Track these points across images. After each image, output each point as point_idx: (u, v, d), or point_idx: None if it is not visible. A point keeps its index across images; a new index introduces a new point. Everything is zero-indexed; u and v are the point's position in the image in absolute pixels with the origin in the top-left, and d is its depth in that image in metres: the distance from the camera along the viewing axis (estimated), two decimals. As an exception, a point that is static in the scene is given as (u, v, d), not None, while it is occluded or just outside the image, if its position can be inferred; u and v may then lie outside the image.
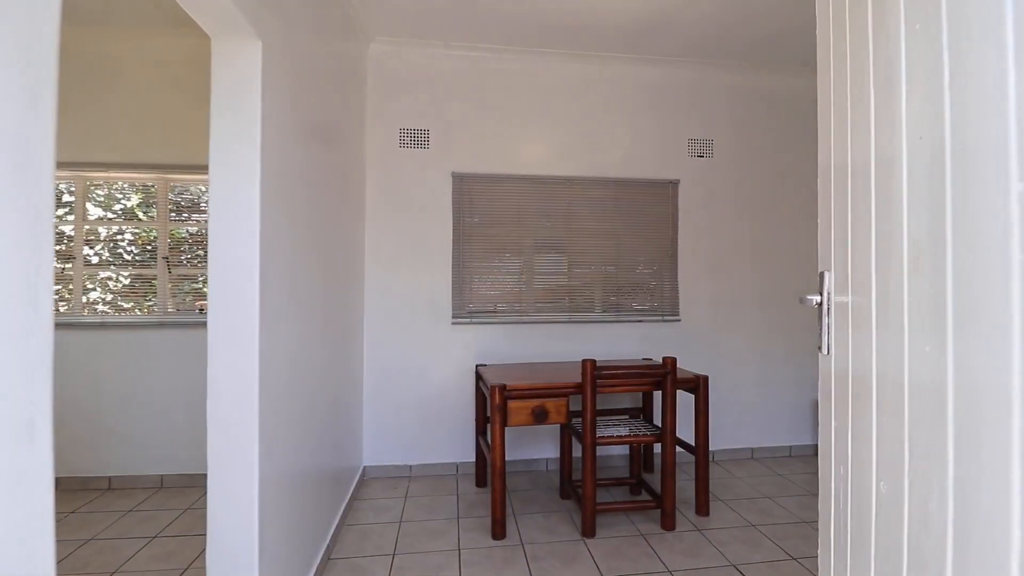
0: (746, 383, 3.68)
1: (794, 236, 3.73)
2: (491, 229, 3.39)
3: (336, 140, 2.53)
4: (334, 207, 2.47)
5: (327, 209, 2.34)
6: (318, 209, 2.18)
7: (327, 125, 2.35)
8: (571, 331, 3.47)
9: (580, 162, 3.47)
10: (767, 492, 3.08)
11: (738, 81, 3.65)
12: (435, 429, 3.33)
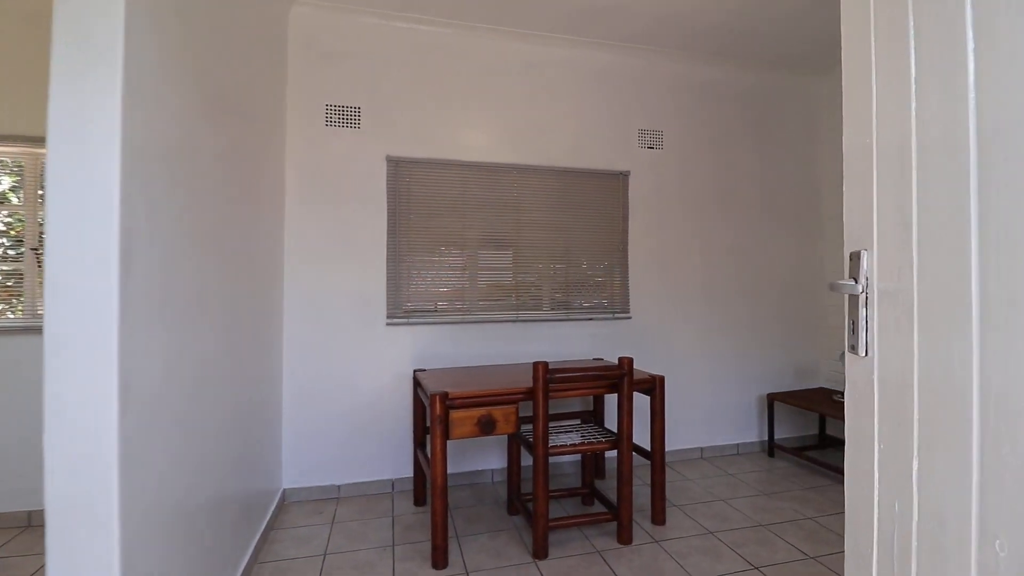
0: (696, 381, 3.59)
1: (742, 231, 3.69)
2: (431, 220, 3.08)
3: (246, 114, 2.13)
4: (242, 192, 2.08)
5: (232, 194, 1.95)
6: (218, 193, 1.79)
7: (233, 94, 1.96)
8: (518, 331, 3.22)
9: (527, 149, 3.24)
10: (720, 494, 2.98)
11: (688, 71, 3.56)
12: (367, 443, 2.97)
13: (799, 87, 3.84)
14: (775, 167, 3.78)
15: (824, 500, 2.90)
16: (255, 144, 2.27)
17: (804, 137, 3.86)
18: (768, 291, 3.76)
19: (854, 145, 0.78)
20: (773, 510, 2.77)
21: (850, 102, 0.79)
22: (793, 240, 3.82)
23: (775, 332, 3.78)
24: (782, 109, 3.80)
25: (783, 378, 3.80)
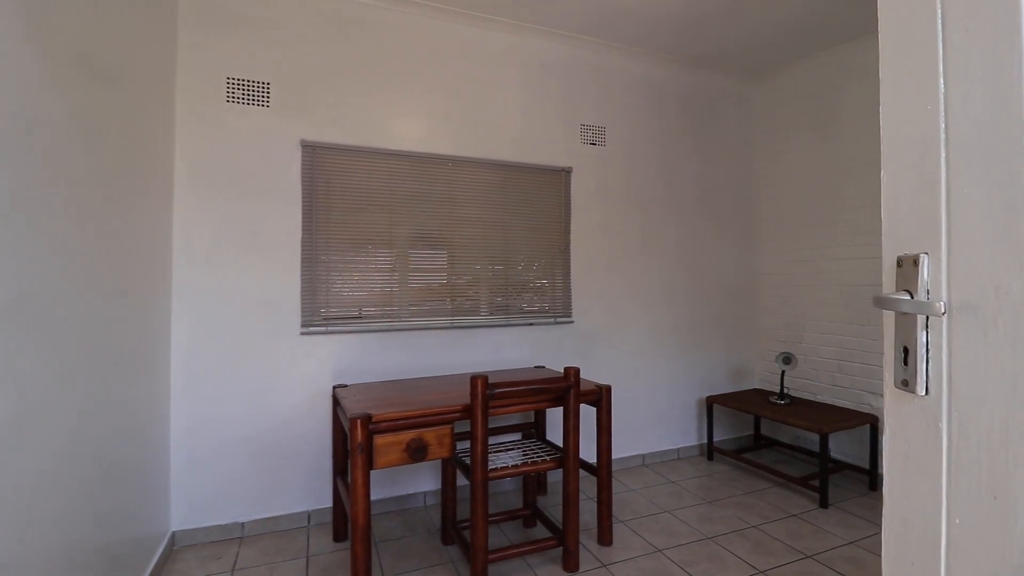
0: (638, 386, 3.48)
1: (683, 233, 3.64)
2: (354, 215, 2.73)
3: (115, 81, 1.70)
4: (105, 175, 1.65)
5: (83, 176, 1.52)
6: (65, 176, 1.38)
7: (95, 55, 1.53)
8: (454, 338, 2.94)
9: (464, 141, 2.96)
10: (665, 505, 2.87)
11: (632, 68, 3.44)
12: (279, 471, 2.57)
13: (736, 91, 3.85)
14: (714, 169, 3.76)
15: (765, 505, 2.86)
16: (129, 119, 1.84)
17: (741, 141, 3.88)
18: (708, 293, 3.73)
19: (903, 122, 0.59)
20: (718, 520, 2.69)
21: (896, 68, 0.60)
22: (731, 242, 3.83)
23: (714, 334, 3.76)
24: (721, 112, 3.79)
25: (720, 380, 3.80)
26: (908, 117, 0.58)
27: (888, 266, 0.62)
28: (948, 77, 0.53)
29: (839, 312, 3.35)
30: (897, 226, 0.60)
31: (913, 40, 0.57)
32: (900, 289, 0.58)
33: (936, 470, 0.54)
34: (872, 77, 3.13)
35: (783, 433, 3.76)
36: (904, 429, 0.59)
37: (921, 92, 0.56)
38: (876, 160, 3.12)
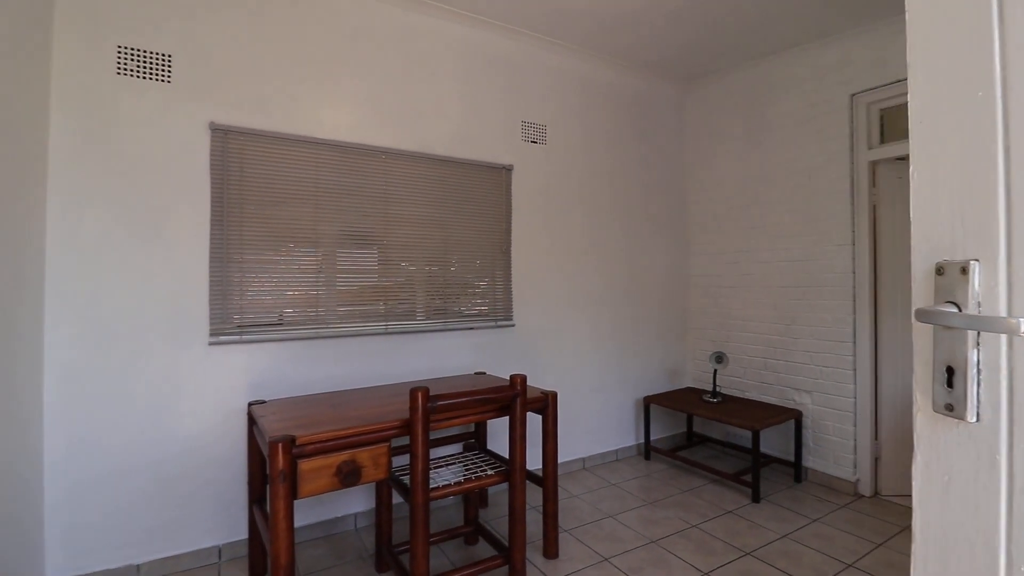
0: (579, 389, 3.44)
1: (621, 235, 3.64)
2: (274, 209, 2.44)
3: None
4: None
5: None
6: None
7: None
8: (388, 344, 2.73)
9: (400, 132, 2.76)
10: (608, 509, 2.83)
11: (573, 67, 3.38)
12: (183, 502, 2.23)
13: (673, 97, 3.92)
14: (651, 173, 3.81)
15: (702, 503, 2.91)
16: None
17: (676, 146, 3.96)
18: (645, 294, 3.77)
19: (942, 113, 0.51)
20: (660, 521, 2.68)
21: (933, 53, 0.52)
22: (666, 245, 3.89)
23: (650, 335, 3.81)
24: (658, 117, 3.84)
25: (656, 380, 3.85)
26: (950, 107, 0.51)
27: (922, 275, 0.54)
28: (1008, 57, 0.46)
29: (766, 312, 3.49)
30: (934, 230, 0.52)
31: (958, 15, 0.50)
32: (942, 301, 0.51)
33: (991, 509, 0.47)
34: (797, 89, 3.29)
35: (714, 430, 3.88)
36: (944, 459, 0.51)
37: (969, 76, 0.49)
38: (801, 168, 3.28)
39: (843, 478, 3.08)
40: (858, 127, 3.03)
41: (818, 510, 2.83)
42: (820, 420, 3.20)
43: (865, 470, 3.02)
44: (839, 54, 3.09)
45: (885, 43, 2.89)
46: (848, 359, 3.06)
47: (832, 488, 3.12)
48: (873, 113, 3.02)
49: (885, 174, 2.98)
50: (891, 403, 2.99)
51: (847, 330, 3.07)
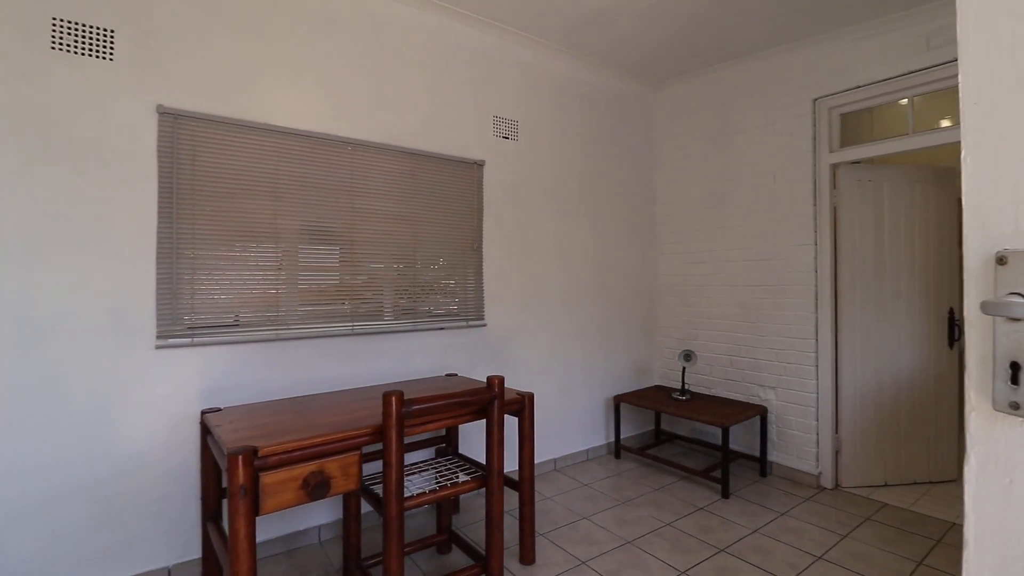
0: (551, 389, 3.39)
1: (593, 233, 3.63)
2: (229, 202, 2.27)
3: None
4: None
5: None
6: None
7: None
8: (354, 346, 2.59)
9: (367, 123, 2.63)
10: (581, 510, 2.80)
11: (545, 63, 3.33)
12: (127, 522, 2.03)
13: (642, 97, 3.94)
14: (621, 172, 3.81)
15: (674, 500, 2.92)
16: None
17: (645, 146, 3.98)
18: (615, 293, 3.77)
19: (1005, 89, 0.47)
20: (634, 521, 2.67)
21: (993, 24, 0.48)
22: (635, 244, 3.91)
23: (620, 334, 3.81)
24: (628, 117, 3.85)
25: (625, 379, 3.86)
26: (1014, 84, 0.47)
27: (978, 264, 0.51)
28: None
29: (733, 311, 3.56)
30: (993, 217, 0.49)
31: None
32: (1005, 292, 0.47)
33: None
34: (762, 93, 3.36)
35: (681, 427, 3.92)
36: (1005, 460, 0.47)
37: None
38: (766, 170, 3.36)
39: (806, 471, 3.16)
40: (820, 131, 3.13)
41: (784, 504, 2.89)
42: (784, 415, 3.28)
43: (827, 463, 3.11)
44: (802, 60, 3.17)
45: (846, 50, 2.99)
46: (811, 355, 3.15)
47: (796, 481, 3.20)
48: (834, 118, 3.12)
49: (845, 176, 3.08)
50: (850, 397, 3.10)
51: (810, 327, 3.16)
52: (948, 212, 3.14)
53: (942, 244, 3.12)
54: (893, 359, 3.09)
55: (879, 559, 2.30)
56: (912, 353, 3.10)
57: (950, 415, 3.14)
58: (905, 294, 3.09)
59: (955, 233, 3.16)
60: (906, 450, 3.11)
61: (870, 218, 3.08)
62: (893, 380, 3.09)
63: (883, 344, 3.09)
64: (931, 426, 3.12)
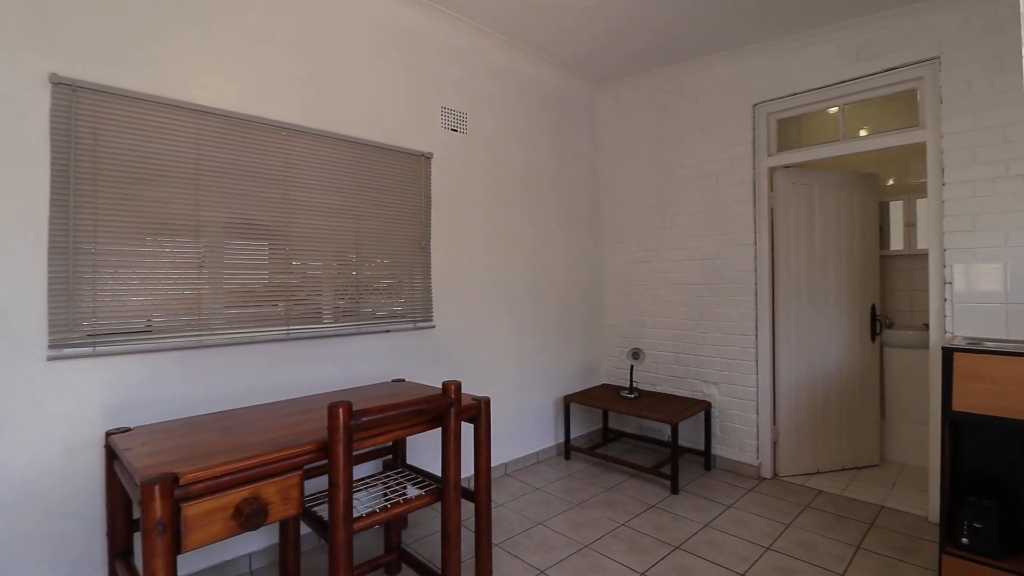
0: (501, 392, 3.29)
1: (543, 232, 3.56)
2: (141, 188, 1.97)
3: None
4: None
5: None
6: None
7: None
8: (290, 352, 2.36)
9: (304, 107, 2.40)
10: (536, 516, 2.72)
11: (496, 56, 3.22)
12: (12, 566, 1.70)
13: (588, 96, 3.93)
14: (568, 170, 3.78)
15: (626, 499, 2.91)
16: None
17: (590, 144, 3.98)
18: (564, 293, 3.73)
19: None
20: (589, 523, 2.63)
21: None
22: (581, 243, 3.90)
23: (568, 333, 3.78)
24: (576, 115, 3.83)
25: (574, 379, 3.84)
26: None
27: None
28: None
29: (677, 309, 3.62)
30: None
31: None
32: None
33: None
34: (705, 96, 3.45)
35: (627, 424, 3.96)
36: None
37: None
38: (708, 172, 3.44)
39: (747, 463, 3.28)
40: (759, 135, 3.25)
41: (730, 496, 2.96)
42: (727, 410, 3.38)
43: (766, 454, 3.24)
44: (743, 66, 3.28)
45: (784, 59, 3.12)
46: (751, 351, 3.27)
47: (738, 473, 3.30)
48: (772, 123, 3.25)
49: (781, 180, 3.22)
50: (787, 390, 3.24)
51: (750, 324, 3.27)
52: (871, 215, 3.37)
53: (865, 245, 3.35)
54: (824, 353, 3.27)
55: (822, 546, 2.40)
56: (840, 347, 3.29)
57: (872, 404, 3.37)
58: (834, 292, 3.28)
59: (876, 235, 3.39)
60: (836, 438, 3.30)
61: (803, 219, 3.24)
62: (824, 373, 3.27)
63: (815, 339, 3.26)
64: (857, 415, 3.33)
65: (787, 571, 2.19)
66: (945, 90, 2.53)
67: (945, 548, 2.04)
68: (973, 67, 2.45)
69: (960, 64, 2.49)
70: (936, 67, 2.58)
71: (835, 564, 2.24)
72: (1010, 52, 2.35)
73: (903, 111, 3.21)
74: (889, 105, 3.42)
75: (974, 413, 1.96)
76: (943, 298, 2.56)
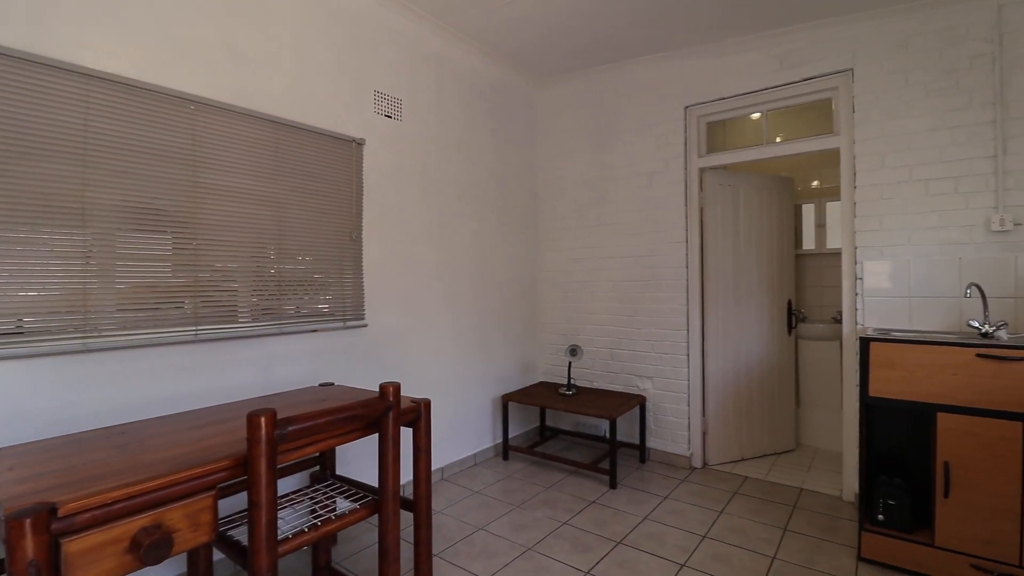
0: (439, 393, 3.16)
1: (481, 227, 3.46)
2: (12, 163, 1.64)
3: None
4: None
5: None
6: None
7: None
8: (198, 356, 2.09)
9: (218, 78, 2.13)
10: (476, 521, 2.62)
11: (431, 41, 3.07)
12: None
13: (527, 92, 3.88)
14: (506, 165, 3.71)
15: (567, 497, 2.89)
16: None
17: (528, 140, 3.93)
18: (501, 290, 3.66)
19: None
20: (531, 525, 2.57)
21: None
22: (518, 240, 3.84)
23: (505, 331, 3.71)
24: (514, 109, 3.76)
25: (512, 377, 3.77)
26: None
27: None
28: None
29: (613, 305, 3.67)
30: None
31: None
32: None
33: None
34: (640, 97, 3.51)
35: (564, 421, 3.96)
36: None
37: None
38: (643, 171, 3.51)
39: (679, 454, 3.38)
40: (690, 137, 3.35)
41: (665, 487, 3.03)
42: (660, 403, 3.46)
43: (696, 444, 3.35)
44: (676, 69, 3.37)
45: (713, 63, 3.24)
46: (683, 345, 3.37)
47: (671, 464, 3.40)
48: (702, 125, 3.36)
49: (709, 181, 3.35)
50: (715, 381, 3.38)
51: (682, 319, 3.37)
52: (788, 216, 3.59)
53: (783, 244, 3.56)
54: (747, 346, 3.44)
55: (752, 530, 2.50)
56: (761, 340, 3.48)
57: (789, 393, 3.60)
58: (756, 288, 3.46)
59: (793, 235, 3.63)
60: (758, 426, 3.49)
61: (729, 219, 3.39)
62: (747, 365, 3.44)
63: (740, 333, 3.42)
64: (776, 404, 3.54)
65: (723, 558, 2.25)
66: (857, 100, 2.73)
67: (864, 526, 2.19)
68: (882, 79, 2.66)
69: (870, 76, 2.70)
70: (850, 78, 2.78)
71: (766, 547, 2.34)
72: (914, 67, 2.58)
73: (818, 119, 3.45)
74: (806, 113, 3.68)
75: (887, 398, 2.11)
76: (855, 292, 2.77)
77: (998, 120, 2.37)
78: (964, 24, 2.46)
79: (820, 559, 2.23)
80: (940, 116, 2.51)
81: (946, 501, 1.99)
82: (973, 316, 2.43)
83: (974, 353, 1.94)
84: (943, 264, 2.52)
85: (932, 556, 2.01)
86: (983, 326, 2.20)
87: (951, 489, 1.98)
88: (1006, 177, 2.37)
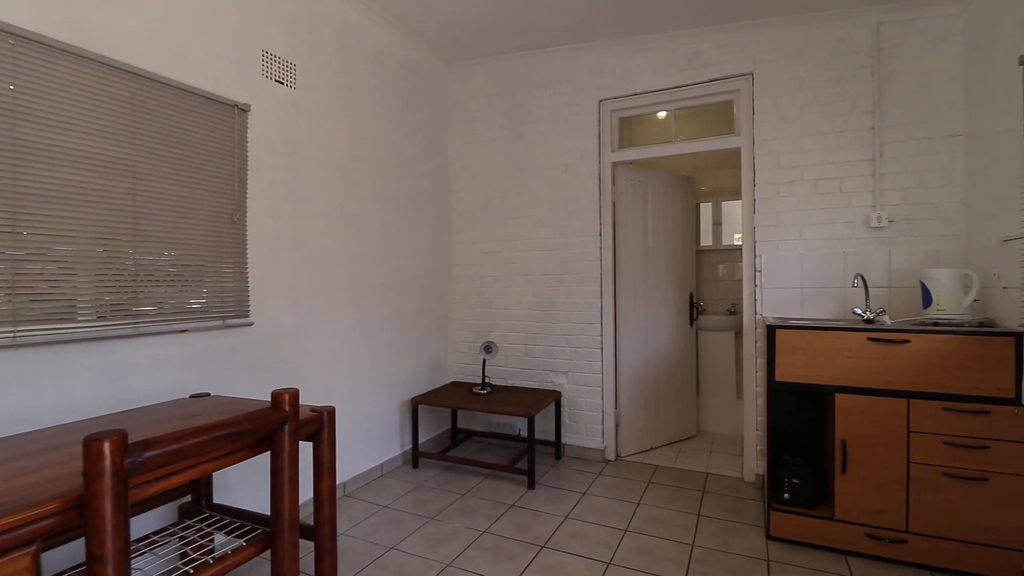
0: (339, 399, 2.82)
1: (385, 217, 3.16)
2: None
3: None
4: None
5: None
6: None
7: None
8: (19, 365, 1.60)
9: (51, 9, 1.64)
10: (386, 540, 2.35)
11: (340, 7, 2.73)
12: None
13: (438, 73, 3.64)
14: (414, 150, 3.44)
15: (484, 503, 2.72)
16: None
17: (439, 127, 3.70)
18: (409, 284, 3.39)
19: None
20: (448, 538, 2.36)
21: None
22: (427, 231, 3.60)
23: (413, 329, 3.45)
24: (421, 90, 3.50)
25: (421, 378, 3.52)
26: None
27: None
28: None
29: (527, 300, 3.57)
30: None
31: None
32: None
33: None
34: (556, 88, 3.45)
35: (477, 422, 3.79)
36: None
37: None
38: (558, 163, 3.45)
39: (594, 447, 3.37)
40: (604, 131, 3.35)
41: (582, 483, 2.98)
42: (575, 397, 3.43)
43: (610, 437, 3.37)
44: (590, 61, 3.35)
45: (626, 59, 3.27)
46: (597, 339, 3.36)
47: (586, 459, 3.38)
48: (615, 120, 3.38)
49: (621, 175, 3.38)
50: (627, 374, 3.42)
51: (596, 313, 3.36)
52: (690, 213, 3.76)
53: (685, 239, 3.72)
54: (656, 337, 3.53)
55: (669, 519, 2.52)
56: (667, 332, 3.59)
57: (691, 382, 3.76)
58: (663, 281, 3.57)
59: (694, 231, 3.80)
60: (664, 415, 3.60)
61: (639, 214, 3.46)
62: (656, 356, 3.53)
63: (648, 325, 3.50)
64: (680, 393, 3.68)
65: (647, 551, 2.23)
66: (757, 103, 2.90)
67: (772, 505, 2.28)
68: (778, 85, 2.84)
69: (768, 81, 2.87)
70: (750, 81, 2.94)
71: (684, 535, 2.36)
72: (807, 74, 2.78)
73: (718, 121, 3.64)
74: (709, 115, 3.87)
75: (791, 382, 2.23)
76: (754, 284, 2.93)
77: (876, 127, 2.63)
78: (850, 37, 2.70)
79: (734, 542, 2.29)
80: (828, 121, 2.74)
81: (844, 476, 2.13)
82: (856, 304, 2.68)
83: (866, 337, 2.10)
84: (830, 257, 2.75)
85: (832, 529, 2.15)
86: (865, 313, 2.41)
87: (848, 465, 2.12)
88: (882, 179, 2.64)
